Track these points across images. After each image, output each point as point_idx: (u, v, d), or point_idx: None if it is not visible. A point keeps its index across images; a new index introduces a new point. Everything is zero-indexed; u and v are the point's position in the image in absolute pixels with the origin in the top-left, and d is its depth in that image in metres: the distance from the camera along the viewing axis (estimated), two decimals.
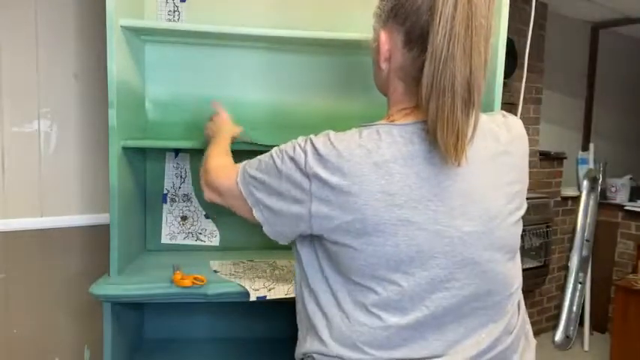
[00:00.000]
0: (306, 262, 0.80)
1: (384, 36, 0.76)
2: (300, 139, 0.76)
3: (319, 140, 0.73)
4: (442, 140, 0.67)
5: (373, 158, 0.69)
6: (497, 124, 0.77)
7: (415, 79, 0.71)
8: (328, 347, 0.75)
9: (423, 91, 0.67)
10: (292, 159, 0.74)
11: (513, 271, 0.78)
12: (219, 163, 0.96)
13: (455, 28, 0.64)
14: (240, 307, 1.53)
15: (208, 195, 0.96)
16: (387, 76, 0.78)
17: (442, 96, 0.66)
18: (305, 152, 0.73)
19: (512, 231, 0.76)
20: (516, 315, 0.79)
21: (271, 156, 0.78)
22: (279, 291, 1.19)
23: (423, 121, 0.70)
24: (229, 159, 1.02)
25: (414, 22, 0.70)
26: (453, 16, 0.64)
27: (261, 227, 0.82)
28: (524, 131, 0.80)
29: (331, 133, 0.74)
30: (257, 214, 0.81)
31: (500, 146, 0.74)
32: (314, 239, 0.79)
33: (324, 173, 0.70)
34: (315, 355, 0.78)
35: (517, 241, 0.78)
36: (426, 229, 0.69)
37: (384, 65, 0.77)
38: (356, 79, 1.53)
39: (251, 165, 0.82)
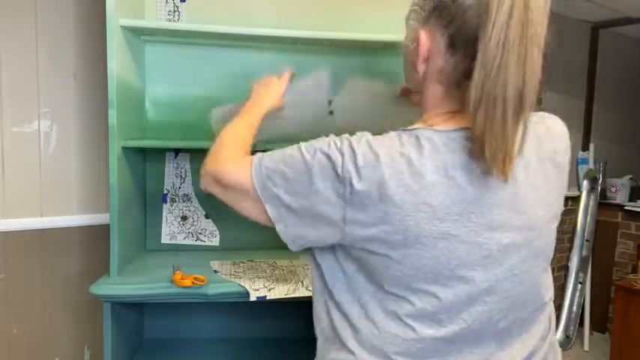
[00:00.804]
0: (329, 275, 0.76)
1: (424, 36, 0.71)
2: (334, 138, 0.70)
3: (358, 143, 0.68)
4: (490, 153, 0.63)
5: (415, 168, 0.65)
6: (539, 126, 0.73)
7: (456, 83, 0.69)
8: (357, 357, 0.72)
9: (471, 99, 0.63)
10: (327, 157, 0.68)
11: (548, 281, 0.76)
12: (231, 151, 0.84)
13: (509, 35, 0.61)
14: (240, 307, 1.53)
15: (207, 185, 0.84)
16: (423, 77, 0.74)
17: (492, 106, 0.62)
18: (342, 153, 0.67)
19: (549, 240, 0.74)
20: (548, 327, 0.77)
21: (299, 149, 0.71)
22: (279, 291, 1.19)
23: (466, 128, 0.66)
24: (247, 147, 0.89)
25: (460, 26, 0.66)
26: (507, 23, 0.61)
27: (273, 227, 0.74)
28: (565, 131, 0.76)
29: (369, 136, 0.69)
30: (271, 211, 0.72)
31: (543, 152, 0.72)
32: (337, 250, 0.75)
33: (363, 179, 0.66)
34: None
35: (552, 250, 0.76)
36: (466, 241, 0.66)
37: (421, 67, 0.73)
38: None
39: (270, 156, 0.74)
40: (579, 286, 3.33)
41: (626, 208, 3.38)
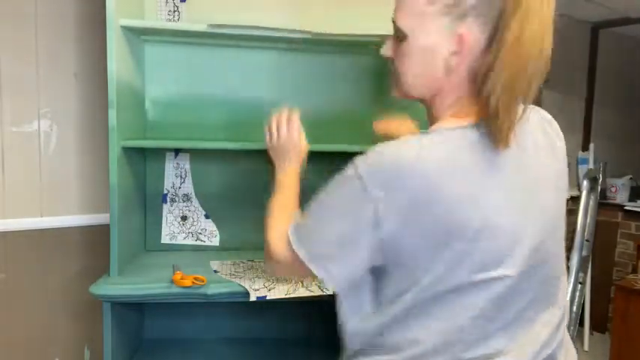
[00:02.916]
0: None
1: (467, 35, 0.67)
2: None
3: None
4: (495, 126, 0.66)
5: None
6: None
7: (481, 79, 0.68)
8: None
9: (489, 90, 0.65)
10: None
11: None
12: (276, 228, 0.88)
13: (527, 31, 0.65)
14: (240, 307, 1.53)
15: (274, 270, 0.92)
16: (451, 79, 0.71)
17: (508, 98, 0.65)
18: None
19: None
20: None
21: (323, 193, 0.75)
22: (279, 291, 1.19)
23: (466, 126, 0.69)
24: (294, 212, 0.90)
25: (495, 21, 0.66)
26: (527, 19, 0.65)
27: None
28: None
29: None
30: (316, 271, 0.73)
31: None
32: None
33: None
34: None
35: None
36: None
37: (460, 68, 0.70)
38: (357, 77, 1.53)
39: (304, 220, 0.77)
40: (579, 286, 3.32)
41: (626, 208, 3.38)
